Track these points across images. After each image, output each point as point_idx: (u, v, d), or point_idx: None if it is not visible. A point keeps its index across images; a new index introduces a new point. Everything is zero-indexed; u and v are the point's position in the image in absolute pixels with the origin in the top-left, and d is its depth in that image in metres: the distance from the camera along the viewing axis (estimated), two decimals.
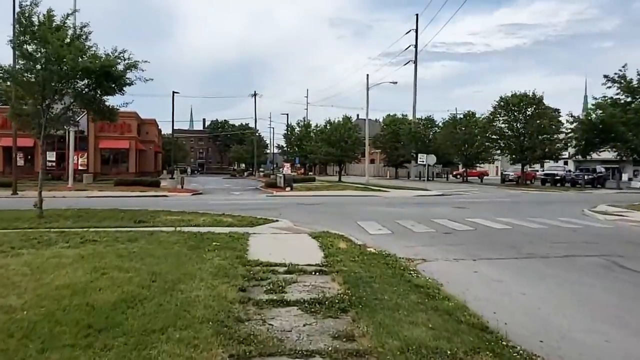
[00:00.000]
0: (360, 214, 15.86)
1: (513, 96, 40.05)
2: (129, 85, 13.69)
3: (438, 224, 13.23)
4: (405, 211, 17.03)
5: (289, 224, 13.03)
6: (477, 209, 18.32)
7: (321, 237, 10.07)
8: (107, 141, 39.71)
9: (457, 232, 11.88)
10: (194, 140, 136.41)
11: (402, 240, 10.55)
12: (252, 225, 12.44)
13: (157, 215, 14.25)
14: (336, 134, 46.24)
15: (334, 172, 74.62)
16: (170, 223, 12.58)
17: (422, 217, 14.98)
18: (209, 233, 10.52)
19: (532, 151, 38.61)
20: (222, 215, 14.08)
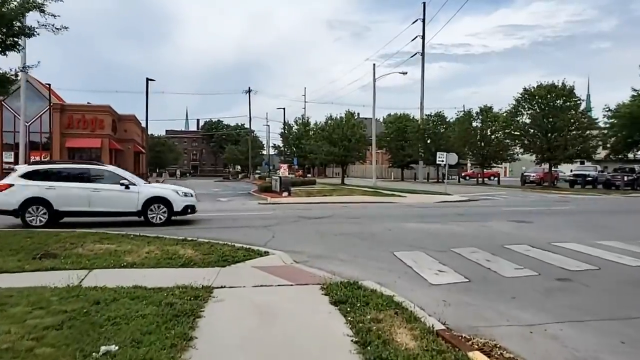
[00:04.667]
0: (391, 236, 10.85)
1: (539, 87, 35.12)
2: (27, 35, 8.68)
3: (525, 257, 8.26)
4: (453, 230, 12.03)
5: (286, 258, 8.01)
6: (548, 224, 13.35)
7: (350, 306, 5.08)
8: (75, 139, 34.48)
9: (577, 277, 6.87)
10: (187, 142, 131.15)
11: (501, 303, 5.56)
12: (224, 264, 7.48)
13: (82, 242, 9.23)
14: (338, 131, 41.15)
15: (335, 174, 69.57)
16: (91, 259, 7.69)
17: (487, 241, 9.99)
18: (135, 291, 5.58)
19: (564, 149, 33.65)
20: (181, 243, 9.06)
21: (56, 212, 12.19)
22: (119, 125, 40.19)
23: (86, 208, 12.35)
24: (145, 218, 12.64)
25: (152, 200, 12.66)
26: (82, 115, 35.00)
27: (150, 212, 12.66)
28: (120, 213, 12.66)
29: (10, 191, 12.06)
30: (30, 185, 12.12)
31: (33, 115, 33.64)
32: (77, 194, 12.24)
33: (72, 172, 12.79)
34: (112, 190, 12.45)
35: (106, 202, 12.41)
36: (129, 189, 12.56)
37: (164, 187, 13.95)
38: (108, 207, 12.48)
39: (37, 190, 12.06)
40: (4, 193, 12.07)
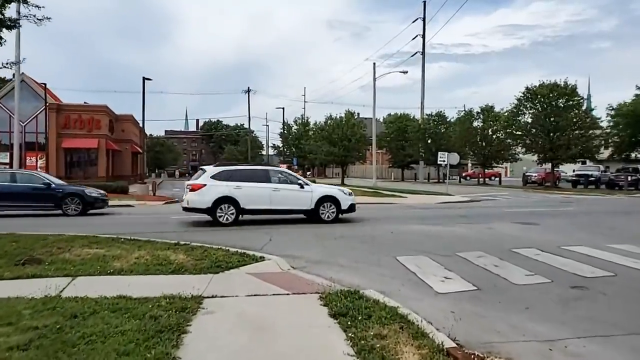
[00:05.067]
0: (393, 239, 10.42)
1: (541, 86, 34.71)
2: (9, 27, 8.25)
3: (534, 262, 7.83)
4: (457, 232, 11.61)
5: (282, 264, 7.58)
6: (554, 226, 12.94)
7: (352, 320, 4.66)
8: (72, 140, 33.97)
9: (592, 284, 6.43)
10: (186, 142, 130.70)
11: (514, 315, 5.13)
12: (217, 270, 7.05)
13: (70, 246, 8.80)
14: (338, 131, 40.76)
15: (334, 174, 69.15)
16: (77, 265, 7.26)
17: (493, 244, 9.56)
18: (118, 302, 5.17)
19: (566, 149, 33.22)
20: (173, 247, 8.62)
21: (242, 209, 12.82)
22: (117, 125, 39.74)
23: (268, 206, 13.08)
24: (316, 215, 13.33)
25: (323, 199, 13.39)
26: (79, 115, 34.55)
27: (322, 210, 13.34)
28: (295, 211, 13.51)
29: (204, 191, 12.64)
30: (220, 185, 12.69)
31: (29, 116, 33.21)
32: (261, 193, 12.92)
33: (255, 173, 13.49)
34: (290, 189, 13.25)
35: (284, 201, 13.13)
36: (303, 188, 13.39)
37: (332, 188, 14.88)
38: (286, 205, 13.25)
39: (226, 190, 12.66)
40: (198, 192, 12.66)
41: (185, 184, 13.73)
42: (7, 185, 15.57)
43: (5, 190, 15.38)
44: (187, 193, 12.91)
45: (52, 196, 15.67)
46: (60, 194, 15.80)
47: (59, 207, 15.66)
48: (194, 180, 13.12)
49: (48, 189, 15.79)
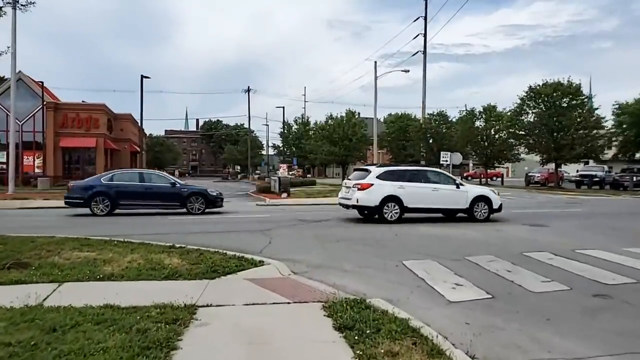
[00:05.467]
0: (398, 241, 9.99)
1: (545, 85, 34.26)
2: None
3: (549, 267, 7.41)
4: (464, 234, 11.19)
5: (283, 269, 7.15)
6: (564, 228, 12.53)
7: (359, 334, 4.23)
8: (69, 139, 33.54)
9: (615, 292, 5.99)
10: (186, 142, 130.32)
11: (535, 327, 4.70)
12: (213, 275, 6.62)
13: (60, 248, 8.39)
14: (339, 130, 40.35)
15: (335, 174, 68.74)
16: (66, 269, 6.86)
17: (503, 248, 9.15)
18: (104, 312, 4.76)
19: (570, 149, 32.78)
20: (167, 250, 8.19)
21: (405, 208, 13.32)
22: (115, 124, 39.32)
23: (428, 205, 13.66)
24: (470, 215, 13.85)
25: (477, 198, 13.92)
26: (77, 114, 34.14)
27: (476, 209, 13.85)
28: (451, 210, 14.07)
29: (372, 190, 13.20)
30: (385, 185, 13.28)
31: (26, 114, 32.80)
32: (422, 192, 13.49)
33: (415, 174, 14.04)
34: (447, 189, 13.77)
35: (442, 200, 13.68)
36: (459, 188, 13.90)
37: (484, 188, 15.51)
38: (444, 204, 13.81)
39: (391, 190, 13.27)
40: (366, 192, 13.21)
41: (346, 183, 14.35)
42: (139, 184, 16.08)
43: (138, 190, 15.93)
44: (355, 192, 13.38)
45: (179, 195, 16.12)
46: (186, 193, 16.23)
47: (184, 206, 16.07)
48: (360, 180, 13.60)
49: (174, 188, 16.29)
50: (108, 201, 15.43)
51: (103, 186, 15.66)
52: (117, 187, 15.72)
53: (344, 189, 14.24)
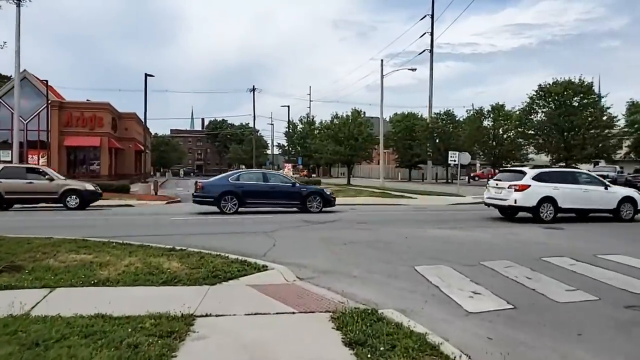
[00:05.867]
0: (408, 245, 9.56)
1: (555, 84, 33.70)
2: None
3: (572, 274, 6.96)
4: (477, 237, 10.75)
5: (287, 274, 6.75)
6: (581, 231, 12.07)
7: (371, 351, 3.82)
8: (74, 138, 33.33)
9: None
10: (192, 141, 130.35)
11: (565, 343, 4.27)
12: (214, 281, 6.23)
13: (55, 251, 8.03)
14: (344, 130, 39.90)
15: (340, 174, 68.32)
16: (60, 273, 6.49)
17: (520, 252, 8.71)
18: (94, 323, 4.39)
19: (581, 149, 32.19)
20: (167, 254, 7.80)
21: (559, 208, 13.56)
22: (120, 123, 39.09)
23: (580, 206, 13.89)
24: (616, 215, 14.04)
25: (624, 199, 14.10)
26: (81, 112, 33.94)
27: (622, 209, 14.04)
28: (599, 210, 14.24)
29: (529, 192, 13.48)
30: (542, 186, 13.56)
31: (31, 113, 32.62)
32: (574, 193, 13.73)
33: (565, 175, 14.38)
34: (596, 190, 14.00)
35: (592, 201, 13.92)
36: (607, 189, 14.19)
37: (629, 189, 15.53)
38: (593, 204, 14.03)
39: (547, 191, 13.56)
40: (524, 193, 13.48)
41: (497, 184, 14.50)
42: (264, 184, 16.76)
43: (264, 189, 16.57)
44: (511, 192, 13.61)
45: (299, 195, 16.73)
46: (305, 192, 16.88)
47: (303, 205, 16.59)
48: (516, 182, 13.81)
49: (294, 188, 17.00)
50: (236, 200, 15.96)
51: (231, 186, 16.20)
52: (243, 187, 16.28)
53: (492, 189, 14.65)
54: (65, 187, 18.05)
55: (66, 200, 17.79)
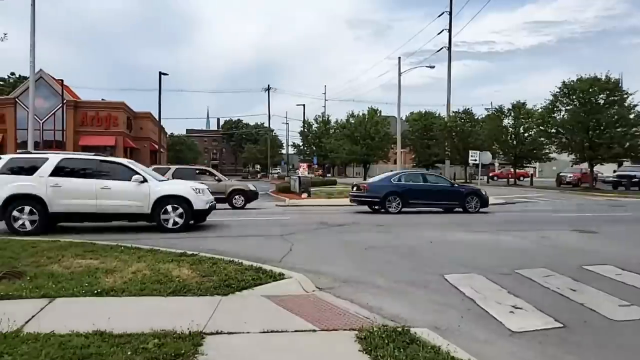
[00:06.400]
0: (434, 250, 8.94)
1: (580, 81, 32.49)
2: None
3: (621, 285, 6.27)
4: (506, 242, 10.08)
5: (306, 284, 6.20)
6: (618, 235, 11.31)
7: None
8: (89, 137, 33.34)
9: None
10: (207, 141, 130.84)
11: None
12: (227, 291, 5.71)
13: (61, 255, 7.62)
14: (361, 129, 39.27)
15: (355, 174, 67.59)
16: (62, 280, 6.07)
17: (557, 259, 8.03)
18: (90, 344, 3.91)
19: (608, 148, 30.99)
20: (177, 259, 7.31)
21: None
22: (135, 123, 39.06)
23: None
24: None
25: None
26: (96, 112, 33.96)
27: None
28: None
29: None
30: None
31: (47, 113, 32.69)
32: None
33: None
34: None
35: None
36: None
37: None
38: None
39: None
40: None
41: None
42: (426, 184, 17.16)
43: (425, 189, 16.91)
44: None
45: (458, 194, 16.98)
46: (464, 192, 17.14)
47: (461, 205, 16.78)
48: None
49: (453, 188, 17.50)
50: (399, 200, 16.22)
51: (395, 186, 16.55)
52: (406, 187, 16.62)
53: None
54: (232, 187, 18.71)
55: (232, 199, 18.30)
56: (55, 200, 10.40)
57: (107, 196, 10.58)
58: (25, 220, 10.30)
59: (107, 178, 10.76)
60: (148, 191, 10.80)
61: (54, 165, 10.54)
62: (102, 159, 11.32)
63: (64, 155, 11.15)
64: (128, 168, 11.08)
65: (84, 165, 10.90)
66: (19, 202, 10.26)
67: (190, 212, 11.01)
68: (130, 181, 10.75)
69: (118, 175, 10.89)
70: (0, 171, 10.46)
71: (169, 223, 10.87)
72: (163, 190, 11.03)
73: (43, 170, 10.47)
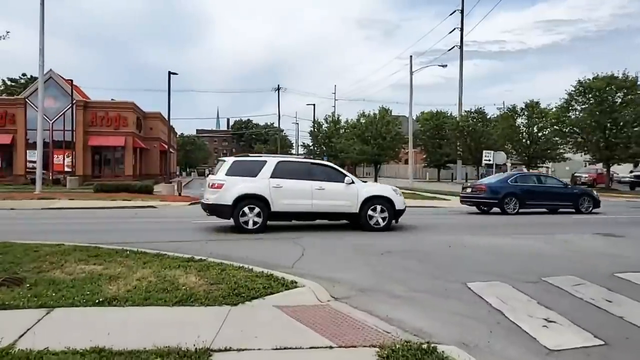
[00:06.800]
0: (453, 255, 8.52)
1: (596, 79, 31.77)
2: None
3: None
4: (528, 246, 9.62)
5: (320, 293, 5.81)
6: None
7: None
8: (98, 137, 33.26)
9: None
10: (217, 141, 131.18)
11: None
12: (236, 300, 5.37)
13: (64, 260, 7.34)
14: (372, 128, 38.79)
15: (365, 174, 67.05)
16: (63, 288, 5.79)
17: (584, 265, 7.58)
18: None
19: (625, 147, 30.25)
20: (185, 265, 6.98)
21: None
22: (145, 123, 38.99)
23: None
24: None
25: None
26: (106, 112, 33.88)
27: None
28: None
29: None
30: None
31: (57, 113, 32.70)
32: None
33: None
34: None
35: None
36: None
37: None
38: None
39: None
40: None
41: None
42: (542, 185, 17.27)
43: (541, 190, 16.98)
44: None
45: (572, 196, 17.04)
46: (578, 193, 17.24)
47: (574, 206, 16.74)
48: None
49: (567, 189, 17.59)
50: (516, 201, 16.19)
51: (513, 187, 16.55)
52: (524, 188, 16.58)
53: None
54: None
55: None
56: (277, 200, 10.97)
57: (321, 196, 11.17)
58: (251, 218, 10.91)
59: (319, 179, 11.33)
60: (356, 192, 11.41)
61: (272, 168, 11.13)
62: (312, 162, 12.37)
63: (280, 158, 11.84)
64: (336, 170, 11.89)
65: (298, 168, 11.57)
66: (246, 202, 10.87)
67: (393, 212, 11.59)
68: (341, 182, 11.40)
69: (328, 177, 11.50)
70: (227, 173, 11.06)
71: (373, 222, 11.41)
72: (370, 190, 11.67)
73: (264, 172, 11.08)
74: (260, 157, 11.94)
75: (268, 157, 11.96)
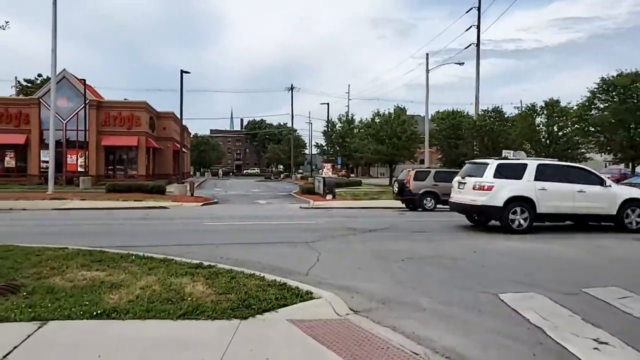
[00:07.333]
0: (480, 262, 7.92)
1: (621, 76, 30.66)
2: None
3: None
4: (560, 252, 8.97)
5: (338, 305, 5.29)
6: None
7: None
8: (111, 137, 33.17)
9: None
10: (231, 141, 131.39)
11: None
12: (246, 313, 4.91)
13: (65, 266, 6.94)
14: (387, 128, 38.12)
15: (379, 174, 66.40)
16: (62, 297, 5.40)
17: (625, 273, 6.96)
18: None
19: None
20: (192, 272, 6.53)
21: None
22: (158, 123, 38.89)
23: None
24: None
25: None
26: (119, 112, 33.80)
27: None
28: None
29: None
30: None
31: (70, 113, 32.73)
32: None
33: None
34: None
35: None
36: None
37: None
38: None
39: None
40: None
41: None
42: None
43: None
44: None
45: None
46: None
47: None
48: None
49: None
50: None
51: None
52: None
53: None
54: None
55: None
56: (542, 202, 11.10)
57: (582, 199, 11.30)
58: (519, 219, 11.02)
59: (577, 182, 11.42)
60: (614, 195, 11.50)
61: (534, 170, 11.23)
62: (567, 165, 12.60)
63: (539, 161, 11.93)
64: (591, 173, 11.94)
65: (557, 170, 11.65)
66: (516, 203, 11.02)
67: None
68: (599, 185, 11.52)
69: (585, 180, 11.57)
70: (495, 175, 11.17)
71: (632, 225, 11.51)
72: (629, 193, 11.73)
73: (527, 174, 11.19)
74: (518, 159, 11.92)
75: (528, 160, 12.04)
